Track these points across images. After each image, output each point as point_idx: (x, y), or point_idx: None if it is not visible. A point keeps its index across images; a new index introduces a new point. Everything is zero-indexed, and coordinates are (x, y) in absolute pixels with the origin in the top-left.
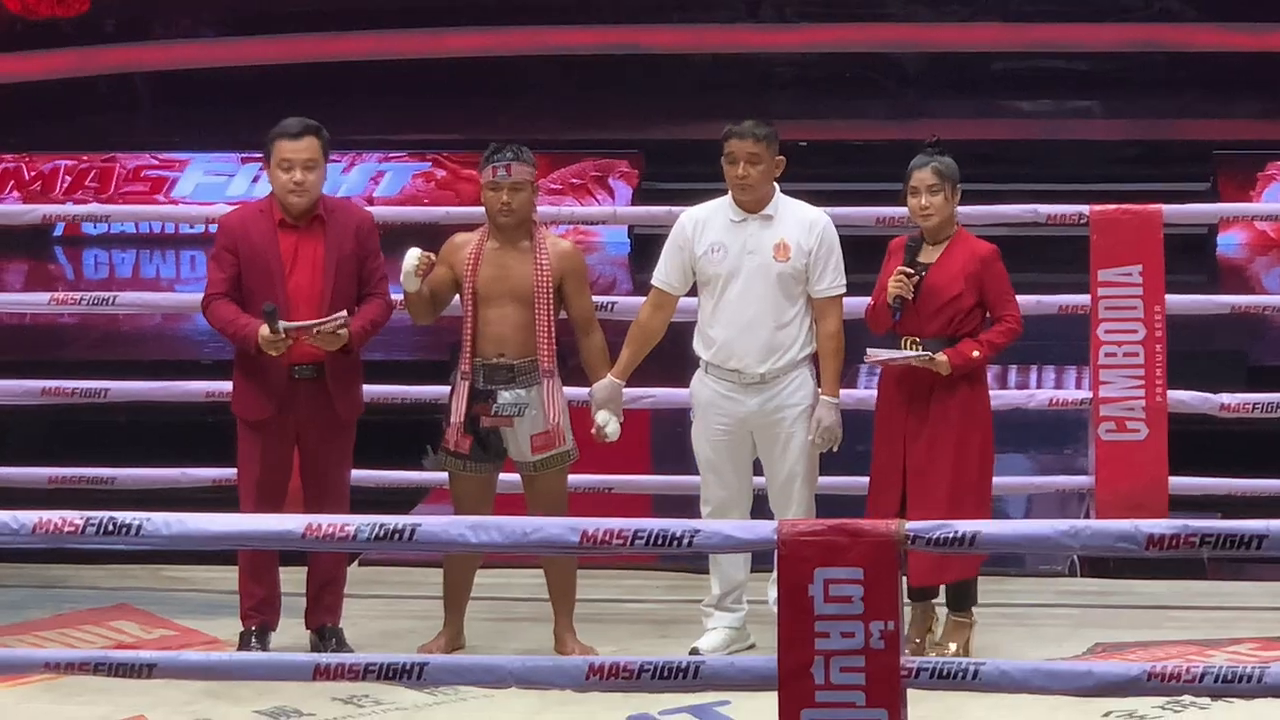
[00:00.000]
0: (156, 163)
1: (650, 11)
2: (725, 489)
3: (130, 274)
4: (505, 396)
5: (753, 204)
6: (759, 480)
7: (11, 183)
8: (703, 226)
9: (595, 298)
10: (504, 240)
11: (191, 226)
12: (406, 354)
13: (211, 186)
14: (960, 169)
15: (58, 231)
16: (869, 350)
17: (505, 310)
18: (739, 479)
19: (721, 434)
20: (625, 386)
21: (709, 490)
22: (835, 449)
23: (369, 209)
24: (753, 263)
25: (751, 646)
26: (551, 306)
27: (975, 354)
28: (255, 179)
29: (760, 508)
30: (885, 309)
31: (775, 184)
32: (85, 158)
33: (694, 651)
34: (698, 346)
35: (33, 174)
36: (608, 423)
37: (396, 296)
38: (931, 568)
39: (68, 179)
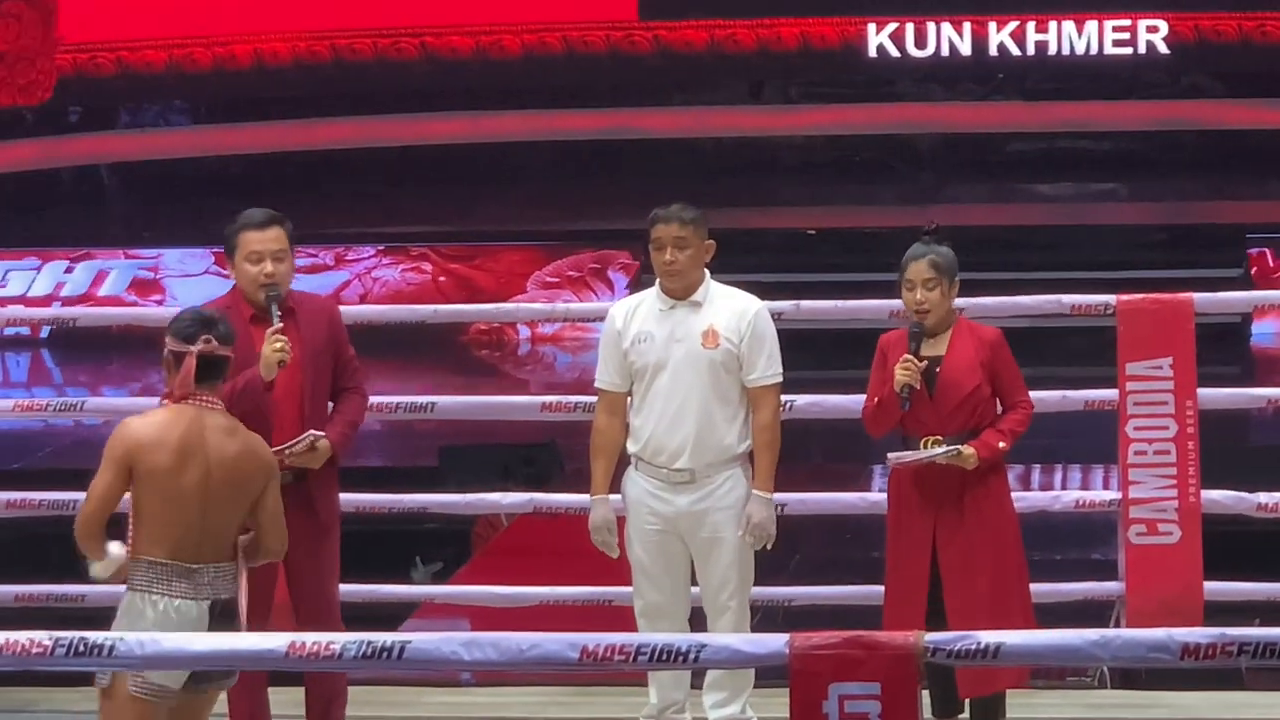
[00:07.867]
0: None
1: (648, 95)
2: (659, 593)
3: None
4: None
5: (681, 291)
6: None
7: None
8: (631, 317)
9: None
10: None
11: None
12: (390, 460)
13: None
14: (977, 256)
15: None
16: (890, 455)
17: None
18: (673, 583)
19: (653, 534)
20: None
21: (641, 595)
22: (769, 547)
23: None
24: (680, 351)
25: None
26: None
27: (1000, 445)
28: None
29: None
30: (893, 400)
31: (706, 270)
32: None
33: None
34: (629, 442)
35: None
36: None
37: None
38: (979, 678)
39: None
